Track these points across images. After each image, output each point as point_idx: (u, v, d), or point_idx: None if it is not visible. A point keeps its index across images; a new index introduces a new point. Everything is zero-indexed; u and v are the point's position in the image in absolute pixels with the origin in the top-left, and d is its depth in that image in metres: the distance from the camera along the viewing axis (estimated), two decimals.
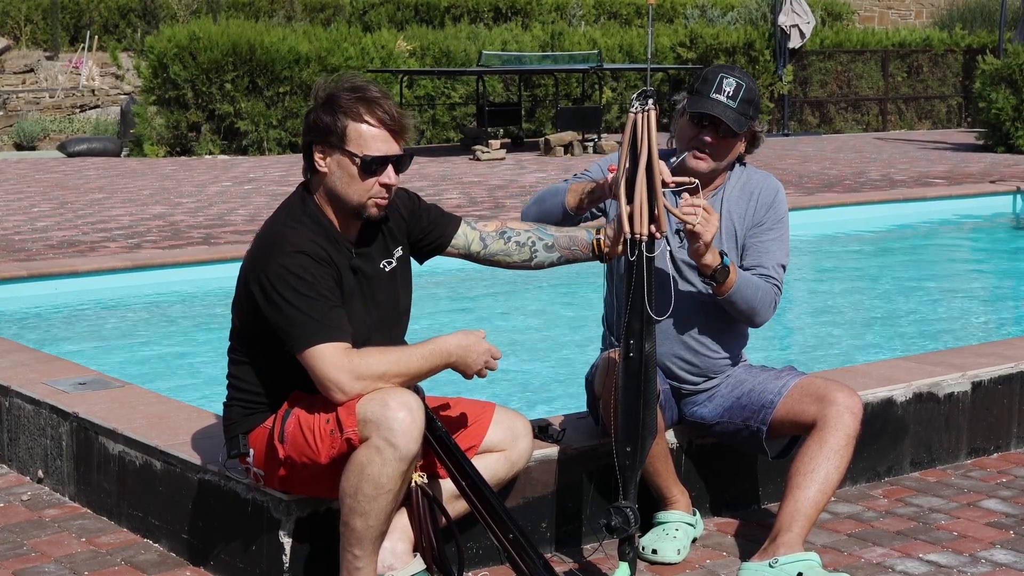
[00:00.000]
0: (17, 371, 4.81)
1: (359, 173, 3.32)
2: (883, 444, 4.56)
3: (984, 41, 22.11)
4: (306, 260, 3.27)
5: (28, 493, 4.42)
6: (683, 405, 4.00)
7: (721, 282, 3.69)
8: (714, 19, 22.96)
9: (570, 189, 3.76)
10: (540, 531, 3.85)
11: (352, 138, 3.31)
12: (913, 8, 27.75)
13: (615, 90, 19.73)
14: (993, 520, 4.20)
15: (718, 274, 3.68)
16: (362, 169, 3.31)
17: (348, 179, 3.33)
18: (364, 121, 3.31)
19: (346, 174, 3.33)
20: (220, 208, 11.26)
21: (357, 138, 3.31)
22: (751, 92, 3.78)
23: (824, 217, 11.29)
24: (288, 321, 3.24)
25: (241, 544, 3.61)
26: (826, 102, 21.13)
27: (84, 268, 8.18)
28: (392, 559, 3.40)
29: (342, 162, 3.32)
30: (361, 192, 3.34)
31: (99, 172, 14.65)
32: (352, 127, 3.31)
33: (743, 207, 3.88)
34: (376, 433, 3.15)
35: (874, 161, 15.62)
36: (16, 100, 19.72)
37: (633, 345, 3.43)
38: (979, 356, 5.01)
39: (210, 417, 4.17)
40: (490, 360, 3.37)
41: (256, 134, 16.55)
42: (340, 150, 3.31)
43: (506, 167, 14.91)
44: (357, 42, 17.54)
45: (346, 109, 3.30)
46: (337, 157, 3.32)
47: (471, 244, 3.66)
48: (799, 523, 3.64)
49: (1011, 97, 16.52)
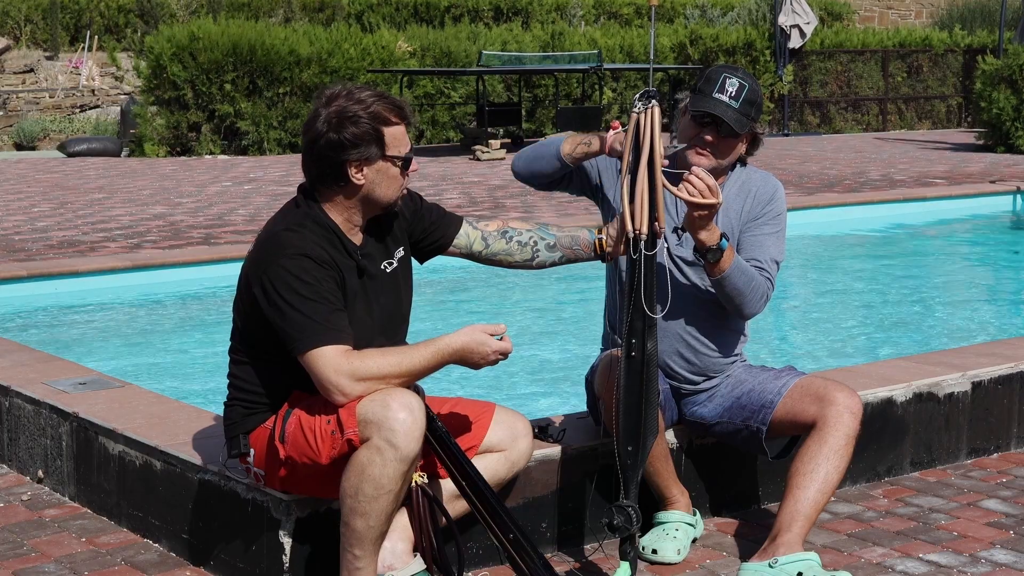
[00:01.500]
0: (17, 371, 4.81)
1: (400, 173, 3.38)
2: (883, 444, 4.56)
3: (984, 41, 22.11)
4: (308, 262, 3.27)
5: (28, 493, 4.42)
6: (683, 405, 4.00)
7: (713, 262, 3.68)
8: (714, 19, 22.96)
9: (568, 138, 3.78)
10: (540, 531, 3.85)
11: (389, 143, 3.35)
12: (913, 8, 27.75)
13: (615, 90, 19.73)
14: (993, 520, 4.20)
15: (710, 253, 3.67)
16: (403, 168, 3.38)
17: (389, 181, 3.38)
18: (392, 123, 3.36)
19: (386, 178, 3.37)
20: (220, 208, 11.26)
21: (392, 141, 3.36)
22: (754, 93, 3.78)
23: (824, 217, 11.29)
24: (289, 323, 3.24)
25: (241, 544, 3.61)
26: (826, 102, 21.13)
27: (84, 268, 8.18)
28: (392, 559, 3.40)
29: (383, 168, 3.35)
30: (397, 189, 3.41)
31: (99, 172, 14.65)
32: (387, 133, 3.34)
33: (740, 203, 3.88)
34: (377, 434, 3.15)
35: (874, 161, 15.62)
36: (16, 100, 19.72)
37: (635, 344, 3.43)
38: (979, 356, 5.01)
39: (210, 417, 4.17)
40: (498, 356, 3.35)
41: (256, 134, 16.55)
42: (381, 158, 3.34)
43: (506, 167, 14.89)
44: (358, 43, 17.53)
45: (371, 116, 3.32)
46: (378, 165, 3.35)
47: (473, 244, 3.67)
48: (799, 523, 3.64)
49: (1011, 97, 16.52)
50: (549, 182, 3.90)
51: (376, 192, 3.37)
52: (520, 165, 3.91)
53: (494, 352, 3.33)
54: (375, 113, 3.32)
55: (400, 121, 3.37)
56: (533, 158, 3.87)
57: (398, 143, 3.37)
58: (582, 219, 10.16)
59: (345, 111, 3.31)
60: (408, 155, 3.39)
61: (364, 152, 3.32)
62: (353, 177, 3.34)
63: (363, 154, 3.32)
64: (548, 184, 3.91)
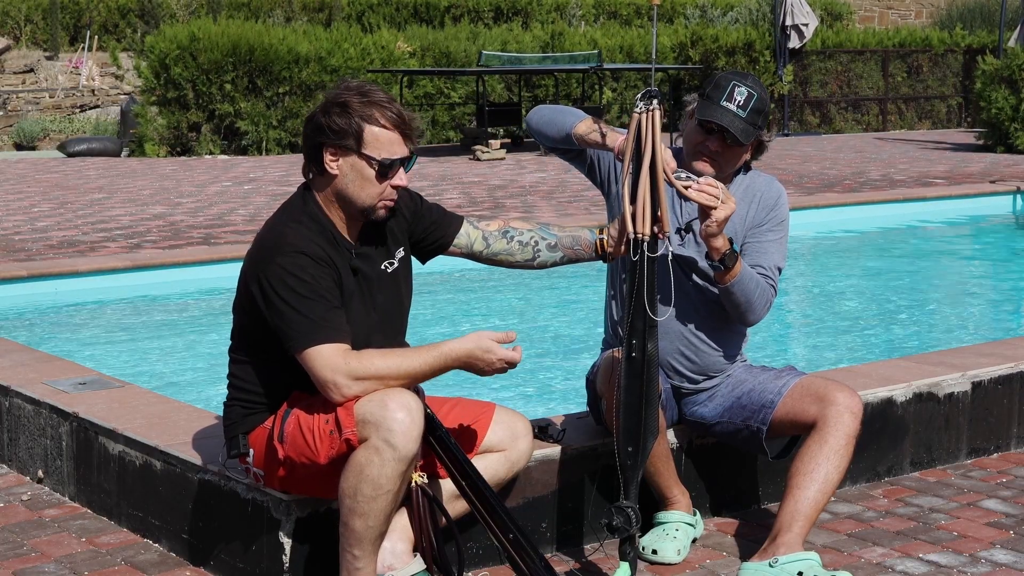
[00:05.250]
0: (17, 371, 4.81)
1: (376, 176, 3.33)
2: (883, 444, 4.56)
3: (984, 41, 22.10)
4: (305, 260, 3.27)
5: (28, 493, 4.42)
6: (683, 405, 4.00)
7: (729, 268, 3.68)
8: (714, 19, 22.95)
9: (586, 120, 3.74)
10: (540, 531, 3.85)
11: (369, 141, 3.31)
12: (913, 8, 27.74)
13: (615, 90, 19.73)
14: (993, 520, 4.20)
15: (727, 259, 3.67)
16: (379, 173, 3.33)
17: (362, 182, 3.33)
18: (379, 124, 3.32)
19: (360, 176, 3.33)
20: (220, 208, 11.26)
21: (373, 141, 3.31)
22: (762, 102, 3.77)
23: (824, 217, 11.28)
24: (287, 322, 3.24)
25: (241, 544, 3.61)
26: (826, 102, 21.12)
27: (84, 268, 8.18)
28: (392, 559, 3.40)
29: (357, 165, 3.32)
30: (373, 195, 3.35)
31: (99, 172, 14.64)
32: (368, 130, 3.31)
33: (744, 209, 3.88)
34: (375, 434, 3.15)
35: (874, 161, 15.61)
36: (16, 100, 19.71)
37: (636, 345, 3.43)
38: (979, 356, 5.01)
39: (210, 417, 4.17)
40: (503, 364, 3.33)
41: (256, 134, 16.55)
42: (356, 153, 3.31)
43: (506, 167, 14.91)
44: (357, 42, 17.53)
45: (361, 112, 3.30)
46: (352, 160, 3.32)
47: (473, 244, 3.66)
48: (799, 523, 3.64)
49: (1011, 97, 16.52)
50: (553, 147, 3.90)
51: (349, 189, 3.33)
52: (534, 120, 3.89)
53: (500, 360, 3.31)
54: (365, 108, 3.30)
55: (391, 128, 3.33)
56: (548, 121, 3.84)
57: (380, 146, 3.32)
58: (582, 219, 10.16)
59: (339, 98, 3.32)
60: (385, 160, 3.31)
61: (340, 140, 3.29)
62: (328, 164, 3.32)
63: (338, 141, 3.30)
64: (552, 149, 3.92)
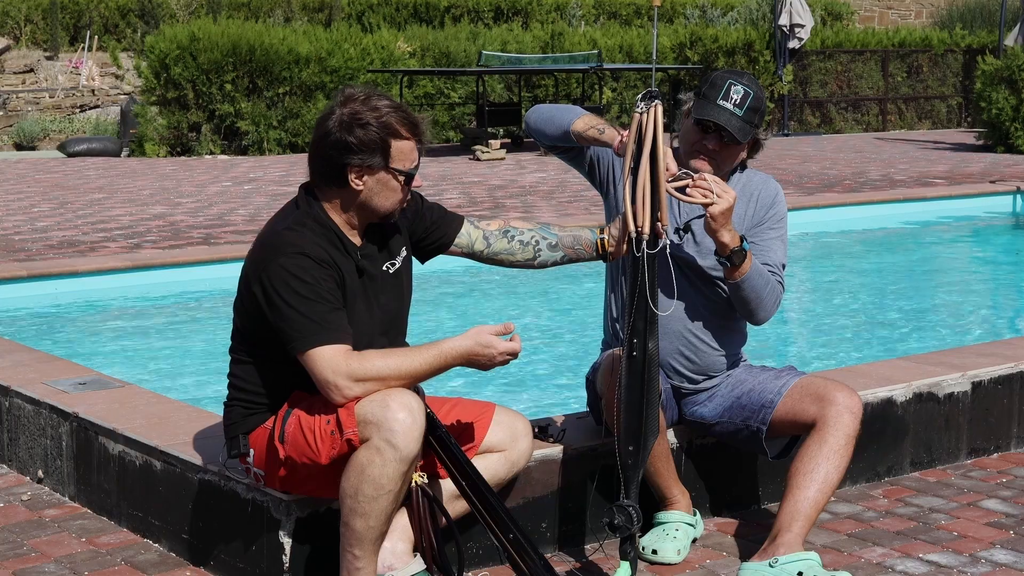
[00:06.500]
0: (17, 371, 4.81)
1: (401, 187, 3.36)
2: (883, 444, 4.56)
3: (984, 41, 22.09)
4: (307, 262, 3.27)
5: (28, 493, 4.42)
6: (683, 405, 4.00)
7: (737, 264, 3.68)
8: (714, 19, 22.95)
9: (584, 116, 3.75)
10: (540, 531, 3.85)
11: (395, 156, 3.33)
12: (913, 8, 27.74)
13: (615, 90, 19.72)
14: (993, 520, 4.20)
15: (735, 255, 3.67)
16: (405, 183, 3.36)
17: (388, 192, 3.35)
18: (402, 137, 3.33)
19: (385, 188, 3.35)
20: (220, 208, 11.25)
21: (399, 154, 3.33)
22: (758, 101, 3.77)
23: (824, 217, 11.28)
24: (288, 322, 3.24)
25: (241, 544, 3.61)
26: (826, 102, 21.12)
27: (84, 268, 8.18)
28: (392, 559, 3.40)
29: (383, 179, 3.33)
30: (396, 201, 3.38)
31: (99, 172, 14.64)
32: (394, 145, 3.32)
33: (743, 208, 3.88)
34: (377, 434, 3.15)
35: (874, 161, 15.61)
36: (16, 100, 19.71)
37: (636, 344, 3.43)
38: (979, 356, 5.01)
39: (210, 417, 4.17)
40: (505, 357, 3.34)
41: (256, 134, 16.54)
42: (384, 169, 3.32)
43: (506, 167, 14.91)
44: (357, 43, 17.52)
45: (381, 127, 3.29)
46: (380, 176, 3.33)
47: (474, 243, 3.66)
48: (799, 523, 3.64)
49: (1011, 97, 16.52)
50: (552, 146, 3.90)
51: (374, 201, 3.36)
52: (533, 118, 3.90)
53: (501, 353, 3.31)
54: (386, 123, 3.30)
55: (411, 136, 3.35)
56: (547, 119, 3.85)
57: (404, 157, 3.35)
58: (582, 219, 10.16)
59: (357, 115, 3.29)
60: (411, 170, 3.36)
61: (367, 159, 3.30)
62: (352, 182, 3.33)
63: (366, 161, 3.30)
64: (552, 148, 3.92)
